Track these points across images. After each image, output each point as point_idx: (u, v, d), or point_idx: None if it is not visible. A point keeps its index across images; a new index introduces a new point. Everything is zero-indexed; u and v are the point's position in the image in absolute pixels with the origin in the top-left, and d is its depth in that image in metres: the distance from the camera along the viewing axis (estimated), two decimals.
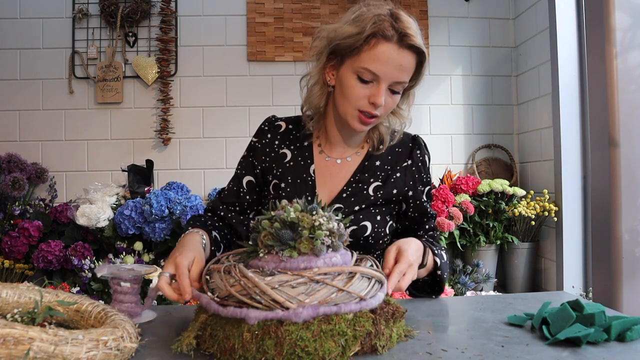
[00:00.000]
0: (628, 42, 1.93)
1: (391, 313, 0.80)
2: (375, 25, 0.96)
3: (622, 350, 0.77)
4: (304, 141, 1.14)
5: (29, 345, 0.59)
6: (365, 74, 0.98)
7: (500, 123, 2.73)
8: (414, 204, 1.14)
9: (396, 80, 0.98)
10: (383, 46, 0.96)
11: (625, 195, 1.89)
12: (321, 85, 1.07)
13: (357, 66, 0.98)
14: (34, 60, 2.56)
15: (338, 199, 1.09)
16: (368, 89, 0.99)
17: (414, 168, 1.14)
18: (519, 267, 2.37)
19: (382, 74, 0.97)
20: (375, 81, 0.98)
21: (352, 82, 0.99)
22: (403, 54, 0.97)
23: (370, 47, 0.96)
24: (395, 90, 1.01)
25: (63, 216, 2.27)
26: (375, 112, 1.00)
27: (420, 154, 1.16)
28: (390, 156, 1.13)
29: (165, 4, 2.55)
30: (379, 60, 0.96)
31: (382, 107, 1.00)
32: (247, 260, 0.80)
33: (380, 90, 0.98)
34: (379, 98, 0.98)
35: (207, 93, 2.61)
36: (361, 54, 0.97)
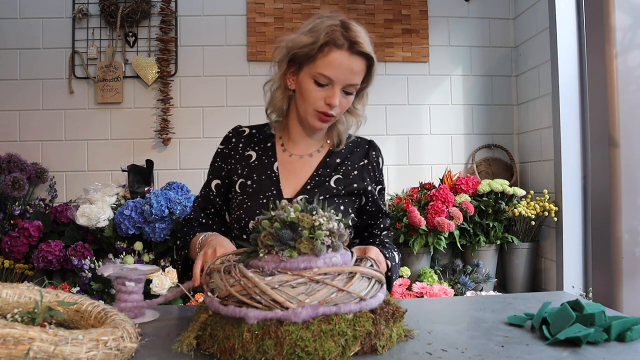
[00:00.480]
0: (628, 42, 1.93)
1: (391, 313, 0.80)
2: (327, 35, 1.07)
3: (622, 350, 0.77)
4: (267, 142, 1.26)
5: (29, 345, 0.59)
6: (320, 79, 1.09)
7: (500, 123, 2.73)
8: (372, 199, 1.25)
9: (348, 83, 1.11)
10: (335, 53, 1.08)
11: (625, 195, 1.89)
12: (283, 90, 1.19)
13: (313, 72, 1.10)
14: (34, 60, 2.56)
15: (303, 191, 1.18)
16: (324, 92, 1.11)
17: (369, 167, 1.26)
18: (519, 267, 2.37)
19: (335, 78, 1.09)
20: (330, 84, 1.10)
21: (309, 86, 1.11)
22: (353, 59, 1.09)
23: (324, 54, 1.08)
24: (348, 92, 1.13)
25: (63, 216, 2.27)
26: (331, 111, 1.12)
27: (375, 155, 1.28)
28: (349, 155, 1.26)
29: (165, 4, 2.55)
30: (332, 66, 1.08)
31: (337, 107, 1.12)
32: (247, 260, 0.80)
33: (335, 93, 1.10)
34: (334, 99, 1.10)
35: (207, 93, 2.61)
36: (316, 61, 1.09)
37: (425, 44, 2.69)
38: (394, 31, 2.67)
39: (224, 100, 2.62)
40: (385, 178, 1.33)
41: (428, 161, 2.69)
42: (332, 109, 1.12)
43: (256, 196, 1.17)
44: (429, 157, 2.70)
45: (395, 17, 2.68)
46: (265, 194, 1.17)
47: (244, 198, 1.18)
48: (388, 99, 2.68)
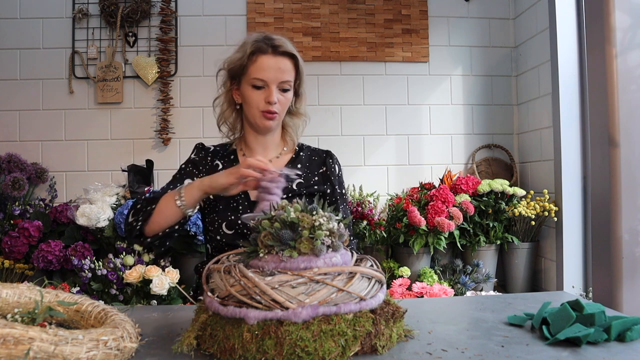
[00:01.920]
0: (628, 42, 1.93)
1: (391, 313, 0.80)
2: (253, 45, 1.26)
3: (622, 350, 0.77)
4: (230, 155, 1.40)
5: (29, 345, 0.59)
6: (256, 82, 1.26)
7: (500, 123, 2.73)
8: (330, 200, 1.38)
9: (280, 80, 1.27)
10: (262, 58, 1.26)
11: (625, 195, 1.89)
12: (229, 104, 1.36)
13: (249, 79, 1.27)
14: (34, 60, 2.56)
15: None
16: (263, 93, 1.27)
17: (328, 172, 1.40)
18: (519, 267, 2.37)
19: (267, 79, 1.26)
20: (266, 86, 1.27)
21: (250, 92, 1.28)
22: (279, 59, 1.26)
23: (253, 61, 1.26)
24: (284, 89, 1.29)
25: (63, 216, 2.27)
26: (273, 108, 1.27)
27: (332, 162, 1.42)
28: (308, 163, 1.40)
29: (165, 4, 2.55)
30: (262, 69, 1.25)
31: (277, 104, 1.28)
32: (247, 260, 0.80)
33: (271, 91, 1.26)
34: (272, 97, 1.26)
35: (207, 93, 2.60)
36: (249, 69, 1.27)
37: (425, 44, 2.69)
38: (394, 31, 2.67)
39: None
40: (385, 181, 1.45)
41: (428, 161, 2.69)
42: (272, 105, 1.27)
43: (226, 200, 1.30)
44: (429, 157, 2.70)
45: (395, 17, 2.68)
46: (234, 197, 1.30)
47: (216, 202, 1.32)
48: (388, 99, 2.68)
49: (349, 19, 2.66)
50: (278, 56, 1.26)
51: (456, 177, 2.47)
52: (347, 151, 2.63)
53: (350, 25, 2.66)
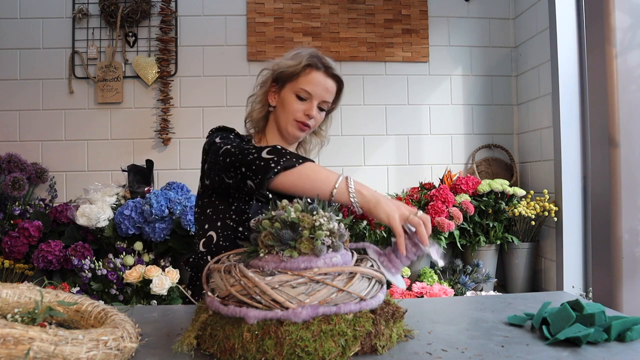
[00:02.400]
0: (628, 42, 1.93)
1: (391, 313, 0.80)
2: (308, 59, 1.32)
3: (622, 350, 0.77)
4: None
5: (29, 345, 0.59)
6: (302, 93, 1.32)
7: (500, 123, 2.73)
8: None
9: (323, 99, 1.34)
10: (315, 73, 1.32)
11: (625, 195, 1.89)
12: (262, 105, 1.40)
13: (295, 88, 1.32)
14: (34, 60, 2.56)
15: None
16: (303, 105, 1.33)
17: None
18: (519, 267, 2.37)
19: (314, 93, 1.32)
20: (309, 99, 1.33)
21: (291, 99, 1.33)
22: (328, 80, 1.34)
23: (306, 74, 1.32)
24: (322, 108, 1.36)
25: (63, 216, 2.27)
26: (309, 122, 1.33)
27: None
28: None
29: (165, 4, 2.55)
30: (312, 83, 1.32)
31: (313, 120, 1.34)
32: (248, 260, 0.80)
33: (313, 106, 1.33)
34: (312, 111, 1.33)
35: (207, 93, 2.61)
36: (299, 78, 1.32)
37: (425, 44, 2.69)
38: (394, 31, 2.67)
39: (224, 100, 2.62)
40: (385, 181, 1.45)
41: (428, 161, 2.69)
42: (309, 119, 1.33)
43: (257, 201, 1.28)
44: (429, 157, 2.70)
45: (395, 17, 2.68)
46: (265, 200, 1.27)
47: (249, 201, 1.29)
48: (388, 99, 2.68)
49: (349, 19, 2.66)
50: (328, 77, 1.33)
51: (456, 177, 2.47)
52: (347, 151, 2.63)
53: (350, 25, 2.66)
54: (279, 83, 1.36)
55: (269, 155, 1.06)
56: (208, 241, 1.29)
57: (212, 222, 1.30)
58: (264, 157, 1.06)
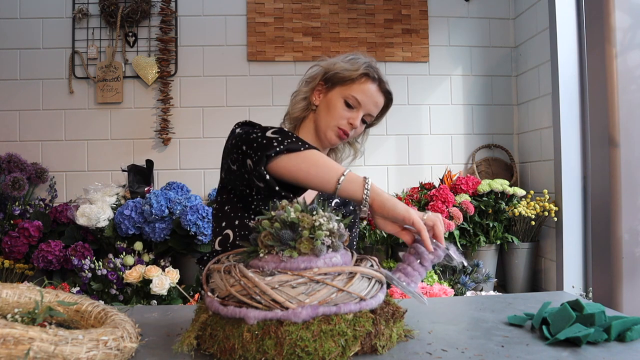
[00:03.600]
0: (628, 42, 1.93)
1: (391, 313, 0.80)
2: (366, 68, 1.26)
3: (622, 350, 0.77)
4: None
5: (29, 345, 0.59)
6: (352, 100, 1.26)
7: (500, 123, 2.73)
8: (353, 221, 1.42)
9: (369, 113, 1.28)
10: (369, 84, 1.27)
11: (625, 195, 1.89)
12: (306, 103, 1.33)
13: (346, 93, 1.26)
14: (34, 60, 2.56)
15: None
16: (350, 113, 1.27)
17: None
18: (519, 267, 2.37)
19: (363, 104, 1.26)
20: (357, 108, 1.27)
21: (339, 104, 1.27)
22: (379, 94, 1.29)
23: (361, 82, 1.26)
24: (365, 121, 1.30)
25: (63, 216, 2.27)
26: (350, 131, 1.28)
27: None
28: None
29: (165, 4, 2.55)
30: (365, 93, 1.26)
31: (354, 130, 1.28)
32: (247, 260, 0.80)
33: (359, 116, 1.27)
34: (357, 121, 1.27)
35: (207, 93, 2.61)
36: (353, 85, 1.26)
37: (425, 44, 2.69)
38: (394, 31, 2.67)
39: (224, 100, 2.62)
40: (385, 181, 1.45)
41: (428, 161, 2.69)
42: (351, 129, 1.27)
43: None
44: (429, 157, 2.70)
45: (395, 17, 2.68)
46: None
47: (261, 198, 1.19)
48: None
49: (349, 19, 2.66)
50: (380, 91, 1.29)
51: (456, 177, 2.47)
52: None
53: (350, 25, 2.66)
54: (329, 84, 1.29)
55: (273, 135, 1.00)
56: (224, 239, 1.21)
57: (229, 219, 1.22)
58: (268, 136, 0.99)
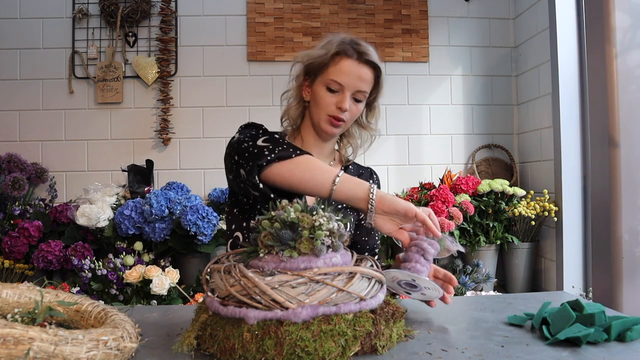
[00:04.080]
0: (628, 42, 1.93)
1: (391, 313, 0.80)
2: (339, 46, 1.18)
3: (622, 350, 0.77)
4: None
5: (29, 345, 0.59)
6: (332, 85, 1.19)
7: (500, 123, 2.73)
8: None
9: (357, 89, 1.20)
10: (345, 61, 1.18)
11: (625, 195, 1.89)
12: (298, 100, 1.28)
13: (325, 79, 1.19)
14: (34, 60, 2.56)
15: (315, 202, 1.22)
16: (335, 97, 1.20)
17: None
18: (519, 267, 2.37)
19: (345, 84, 1.18)
20: (341, 90, 1.19)
21: (322, 92, 1.20)
22: (362, 67, 1.19)
23: (335, 63, 1.18)
24: (357, 99, 1.22)
25: (63, 216, 2.27)
26: (342, 115, 1.20)
27: (377, 179, 1.45)
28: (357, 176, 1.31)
29: (165, 4, 2.55)
30: (342, 72, 1.18)
31: (347, 113, 1.20)
32: (247, 260, 0.80)
33: (345, 97, 1.19)
34: (344, 103, 1.19)
35: (207, 93, 2.61)
36: (328, 69, 1.19)
37: (425, 44, 2.69)
38: (394, 31, 2.67)
39: (224, 100, 2.62)
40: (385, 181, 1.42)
41: (428, 161, 2.69)
42: (342, 112, 1.20)
43: None
44: (429, 157, 2.70)
45: (395, 17, 2.68)
46: None
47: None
48: (388, 99, 2.68)
49: (349, 19, 2.66)
50: (362, 64, 1.19)
51: (456, 177, 2.47)
52: None
53: (350, 25, 2.66)
54: (311, 76, 1.24)
55: (264, 143, 1.03)
56: (235, 242, 1.22)
57: (238, 222, 1.24)
58: (259, 144, 1.02)
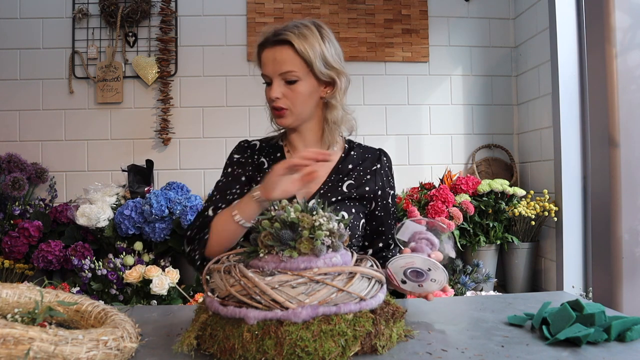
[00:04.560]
0: (628, 42, 1.93)
1: (391, 313, 0.80)
2: (259, 41, 1.20)
3: (622, 350, 0.77)
4: (276, 152, 1.30)
5: (29, 345, 0.59)
6: (265, 79, 1.21)
7: (500, 123, 2.73)
8: (382, 203, 1.27)
9: (279, 72, 1.16)
10: (264, 53, 1.19)
11: (625, 195, 1.89)
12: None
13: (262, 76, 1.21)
14: (34, 60, 2.56)
15: (316, 195, 1.22)
16: (269, 89, 1.19)
17: (382, 171, 1.30)
18: (519, 267, 2.37)
19: (268, 73, 1.18)
20: (270, 81, 1.19)
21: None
22: (275, 50, 1.16)
23: (260, 58, 1.21)
24: (289, 80, 1.17)
25: (63, 216, 2.27)
26: (278, 104, 1.18)
27: (387, 160, 1.34)
28: (361, 161, 1.30)
29: (165, 4, 2.55)
30: (264, 63, 1.19)
31: (284, 99, 1.17)
32: (247, 260, 0.80)
33: (274, 85, 1.17)
34: (271, 92, 1.17)
35: (207, 93, 2.61)
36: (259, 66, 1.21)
37: (425, 44, 2.69)
38: (394, 31, 2.67)
39: (224, 100, 2.62)
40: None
41: (428, 161, 2.69)
42: (276, 101, 1.18)
43: None
44: (429, 157, 2.70)
45: (395, 17, 2.68)
46: None
47: None
48: (388, 99, 2.68)
49: (349, 19, 2.66)
50: (275, 46, 1.16)
51: (456, 177, 2.47)
52: None
53: (350, 25, 2.66)
54: None
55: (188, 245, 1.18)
56: None
57: None
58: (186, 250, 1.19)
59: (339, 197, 1.22)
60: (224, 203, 1.20)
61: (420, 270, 0.93)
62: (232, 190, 1.23)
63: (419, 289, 0.96)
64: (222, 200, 1.21)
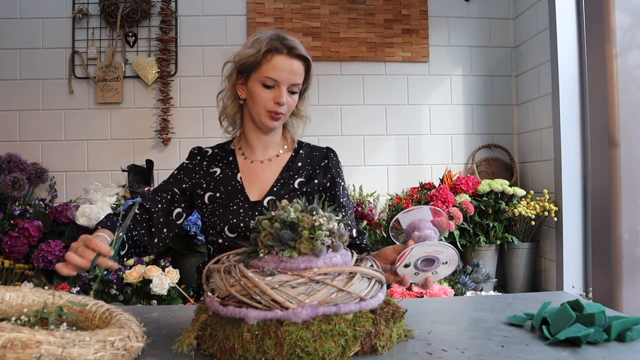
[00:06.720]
0: (628, 42, 1.93)
1: (391, 313, 0.80)
2: (268, 44, 1.24)
3: (622, 350, 0.77)
4: (228, 157, 1.37)
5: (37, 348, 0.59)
6: (268, 81, 1.25)
7: (500, 123, 2.73)
8: (331, 193, 1.35)
9: (291, 83, 1.26)
10: (277, 57, 1.24)
11: (625, 195, 1.89)
12: (233, 99, 1.34)
13: (260, 77, 1.25)
14: (34, 60, 2.56)
15: (270, 193, 1.29)
16: (272, 93, 1.26)
17: (330, 165, 1.38)
18: (519, 267, 2.37)
19: (279, 79, 1.24)
20: (276, 86, 1.25)
21: (258, 89, 1.26)
22: (293, 61, 1.25)
23: (268, 60, 1.24)
24: (292, 91, 1.28)
25: (63, 216, 2.27)
26: (280, 109, 1.26)
27: (334, 156, 1.42)
28: (309, 159, 1.38)
29: (165, 4, 2.55)
30: (276, 68, 1.24)
31: (285, 106, 1.27)
32: (247, 260, 0.81)
33: (282, 92, 1.25)
34: (282, 98, 1.25)
35: (207, 93, 2.61)
36: (262, 67, 1.25)
37: (425, 44, 2.69)
38: (394, 31, 2.67)
39: None
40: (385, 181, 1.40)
41: (428, 161, 2.70)
42: (281, 107, 1.26)
43: (226, 204, 1.29)
44: (429, 157, 2.70)
45: (395, 17, 2.68)
46: (234, 201, 1.29)
47: (215, 206, 1.30)
48: (388, 99, 2.68)
49: (349, 19, 2.66)
50: (293, 58, 1.25)
51: (456, 177, 2.47)
52: (347, 151, 2.63)
53: (350, 25, 2.66)
54: (244, 74, 1.29)
55: None
56: None
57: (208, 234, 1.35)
58: None
59: (291, 193, 1.29)
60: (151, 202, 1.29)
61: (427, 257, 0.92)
62: (164, 194, 1.31)
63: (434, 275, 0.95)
64: (152, 199, 1.30)
